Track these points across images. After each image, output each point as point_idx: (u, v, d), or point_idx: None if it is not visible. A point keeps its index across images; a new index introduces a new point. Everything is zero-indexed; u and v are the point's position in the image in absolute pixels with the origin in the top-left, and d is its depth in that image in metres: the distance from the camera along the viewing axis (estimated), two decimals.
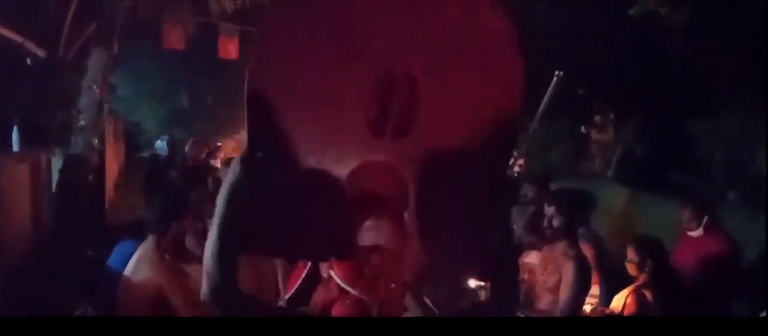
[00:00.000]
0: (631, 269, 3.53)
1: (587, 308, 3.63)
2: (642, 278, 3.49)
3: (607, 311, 3.55)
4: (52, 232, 5.68)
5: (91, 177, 6.40)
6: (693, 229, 4.26)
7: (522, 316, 3.44)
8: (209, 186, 5.24)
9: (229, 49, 8.26)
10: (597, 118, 8.48)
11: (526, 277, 3.77)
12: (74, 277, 4.78)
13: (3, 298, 2.63)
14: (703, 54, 5.88)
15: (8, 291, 2.74)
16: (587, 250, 3.93)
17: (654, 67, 6.37)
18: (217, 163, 5.97)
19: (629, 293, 3.45)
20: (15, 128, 5.16)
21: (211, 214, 1.70)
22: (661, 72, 6.36)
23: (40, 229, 5.60)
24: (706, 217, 4.22)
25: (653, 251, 3.53)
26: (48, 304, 4.41)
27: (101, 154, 7.02)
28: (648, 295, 3.37)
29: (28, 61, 6.29)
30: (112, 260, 3.06)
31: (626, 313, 3.42)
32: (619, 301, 3.48)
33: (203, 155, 6.87)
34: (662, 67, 6.31)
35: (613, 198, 6.33)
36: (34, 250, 5.27)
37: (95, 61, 6.19)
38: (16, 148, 5.20)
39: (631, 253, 3.51)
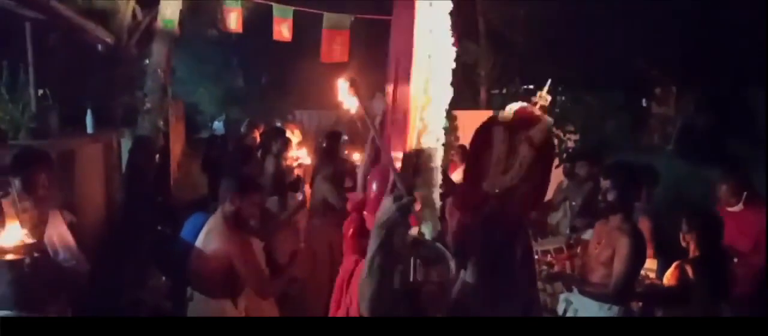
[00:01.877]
0: (683, 241, 3.51)
1: None
2: (692, 252, 3.46)
3: (657, 282, 3.55)
4: (123, 207, 6.04)
5: (157, 157, 6.73)
6: (733, 205, 4.19)
7: (573, 291, 3.48)
8: (267, 164, 5.44)
9: (283, 31, 8.39)
10: (657, 90, 8.22)
11: (578, 250, 3.79)
12: (145, 250, 5.12)
13: (89, 270, 2.87)
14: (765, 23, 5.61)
15: (89, 260, 3.00)
16: (644, 224, 3.90)
17: (716, 35, 6.12)
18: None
19: (674, 267, 3.44)
20: (89, 111, 5.48)
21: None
22: (723, 42, 6.10)
23: (112, 205, 5.98)
24: (745, 193, 4.16)
25: (706, 225, 3.48)
26: (122, 275, 4.74)
27: (166, 135, 7.34)
28: (689, 270, 3.34)
29: (99, 47, 6.63)
30: (185, 232, 3.27)
31: (666, 284, 3.42)
32: (667, 274, 3.48)
33: (257, 134, 7.09)
34: (724, 37, 6.06)
35: (674, 172, 6.17)
36: (108, 224, 5.65)
37: (158, 45, 6.45)
38: (90, 130, 5.54)
39: (685, 225, 3.49)
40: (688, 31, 6.32)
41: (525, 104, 2.85)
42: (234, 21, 7.80)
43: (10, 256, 2.16)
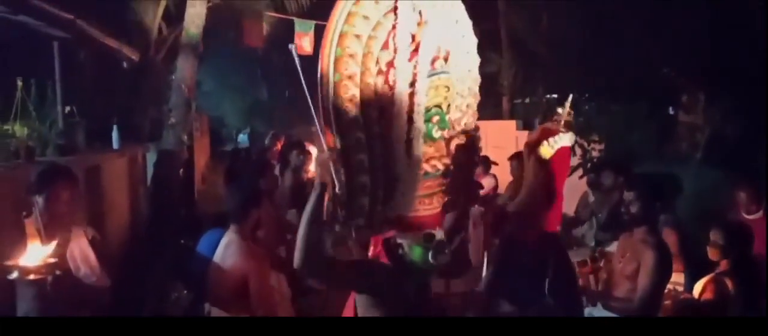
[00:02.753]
0: (712, 254, 3.39)
1: None
2: (724, 265, 3.34)
3: (688, 296, 3.44)
4: (149, 221, 6.14)
5: (181, 170, 6.83)
6: (753, 213, 4.11)
7: (596, 306, 3.40)
8: (285, 177, 5.46)
9: (304, 45, 8.49)
10: (684, 99, 8.03)
11: (602, 264, 3.71)
12: (169, 264, 5.17)
13: (110, 287, 2.91)
14: None
15: (110, 276, 3.04)
16: (670, 237, 3.80)
17: (743, 42, 5.97)
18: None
19: (709, 280, 3.32)
20: (114, 127, 5.59)
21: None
22: (751, 48, 5.95)
23: (137, 219, 6.08)
24: (765, 201, 4.08)
25: (741, 238, 3.37)
26: (146, 289, 4.80)
27: (190, 149, 7.45)
28: (729, 283, 3.22)
29: (125, 64, 6.78)
30: (201, 247, 3.28)
31: (702, 299, 3.30)
32: (699, 288, 3.36)
33: (279, 147, 7.12)
34: (751, 42, 5.90)
35: (703, 181, 6.01)
36: (133, 238, 5.74)
37: (182, 61, 6.57)
38: (115, 145, 5.64)
39: (715, 237, 3.37)
40: (715, 38, 6.18)
41: (550, 124, 2.83)
42: (256, 36, 7.91)
43: (32, 276, 2.19)
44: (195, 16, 6.35)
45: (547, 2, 9.04)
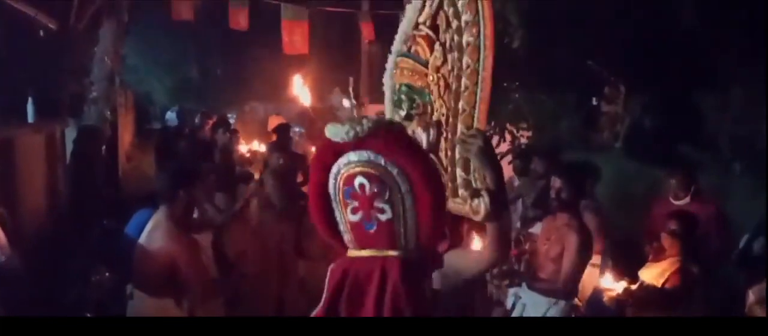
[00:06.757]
0: (666, 241, 3.57)
1: (621, 285, 3.60)
2: (675, 251, 3.51)
3: (650, 285, 3.57)
4: (68, 201, 5.81)
5: (104, 148, 6.50)
6: (681, 198, 4.32)
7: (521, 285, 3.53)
8: (216, 157, 5.31)
9: (240, 19, 8.25)
10: (607, 90, 8.40)
11: (527, 246, 3.84)
12: (89, 245, 4.93)
13: (22, 266, 2.73)
14: (713, 26, 5.82)
15: (26, 259, 2.85)
16: (590, 221, 3.99)
17: (664, 39, 6.30)
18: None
19: (675, 269, 3.46)
20: (30, 100, 5.24)
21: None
22: (672, 44, 6.29)
23: (55, 198, 5.74)
24: (693, 186, 4.31)
25: (694, 227, 3.57)
26: (64, 272, 4.56)
27: (114, 125, 7.11)
28: (695, 270, 3.40)
29: (41, 32, 6.34)
30: (130, 228, 3.14)
31: (668, 286, 3.46)
32: (656, 275, 3.50)
33: (209, 126, 6.93)
34: (673, 39, 6.24)
35: (621, 170, 6.33)
36: (51, 219, 5.42)
37: (106, 32, 6.23)
38: (31, 119, 5.29)
39: (673, 225, 3.54)
40: (637, 33, 6.48)
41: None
42: (186, 9, 7.63)
43: None
44: None
45: None
